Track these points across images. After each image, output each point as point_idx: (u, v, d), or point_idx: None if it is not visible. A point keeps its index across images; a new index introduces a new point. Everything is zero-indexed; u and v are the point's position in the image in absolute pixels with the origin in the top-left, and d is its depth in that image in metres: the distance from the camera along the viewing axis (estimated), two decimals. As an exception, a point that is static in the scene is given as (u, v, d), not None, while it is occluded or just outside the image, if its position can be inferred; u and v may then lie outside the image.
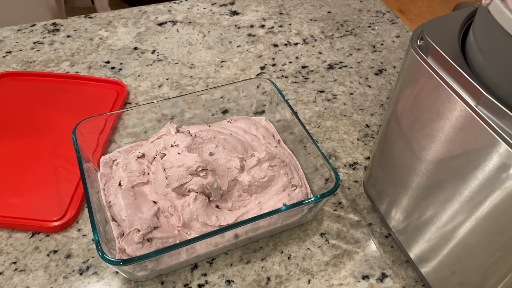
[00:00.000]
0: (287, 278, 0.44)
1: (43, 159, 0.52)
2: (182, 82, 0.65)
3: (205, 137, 0.47)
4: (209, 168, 0.43)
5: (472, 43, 0.31)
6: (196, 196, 0.42)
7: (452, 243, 0.36)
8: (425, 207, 0.37)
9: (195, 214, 0.42)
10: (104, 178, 0.46)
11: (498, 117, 0.28)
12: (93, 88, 0.62)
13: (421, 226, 0.39)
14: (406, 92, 0.36)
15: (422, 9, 2.04)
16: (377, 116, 0.61)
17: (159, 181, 0.44)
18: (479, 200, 0.31)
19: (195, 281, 0.43)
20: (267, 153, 0.46)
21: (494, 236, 0.31)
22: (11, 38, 0.71)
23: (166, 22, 0.77)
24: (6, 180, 0.49)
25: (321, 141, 0.57)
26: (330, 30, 0.77)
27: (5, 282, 0.42)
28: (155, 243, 0.40)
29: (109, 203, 0.43)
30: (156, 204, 0.43)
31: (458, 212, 0.34)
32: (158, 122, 0.53)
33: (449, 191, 0.34)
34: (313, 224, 0.48)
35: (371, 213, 0.50)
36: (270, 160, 0.46)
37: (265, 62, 0.69)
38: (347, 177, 0.53)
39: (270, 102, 0.55)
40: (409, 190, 0.39)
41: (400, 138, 0.39)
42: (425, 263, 0.40)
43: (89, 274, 0.43)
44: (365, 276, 0.44)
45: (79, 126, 0.46)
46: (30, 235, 0.46)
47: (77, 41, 0.71)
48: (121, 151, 0.50)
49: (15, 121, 0.57)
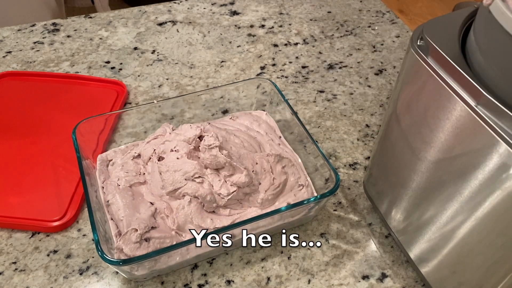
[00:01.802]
0: (287, 278, 0.44)
1: (43, 159, 0.52)
2: (182, 82, 0.65)
3: (230, 132, 0.47)
4: (234, 163, 0.43)
5: (473, 44, 0.31)
6: (191, 199, 0.42)
7: (452, 243, 0.36)
8: (425, 207, 0.37)
9: (189, 217, 0.42)
10: (102, 175, 0.46)
11: (498, 117, 0.28)
12: (93, 88, 0.62)
13: (421, 226, 0.39)
14: (406, 92, 0.36)
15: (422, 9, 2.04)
16: (377, 116, 0.61)
17: (154, 182, 0.44)
18: (479, 200, 0.31)
19: (195, 281, 0.43)
20: (275, 155, 0.46)
21: (494, 236, 0.31)
22: (11, 38, 0.71)
23: (166, 22, 0.77)
24: (6, 180, 0.49)
25: (321, 141, 0.57)
26: (330, 30, 0.77)
27: (5, 282, 0.42)
28: (153, 243, 0.40)
29: (107, 202, 0.43)
30: (153, 204, 0.43)
31: (458, 212, 0.34)
32: (158, 122, 0.52)
33: (449, 191, 0.34)
34: (313, 224, 0.48)
35: (371, 213, 0.50)
36: (280, 161, 0.46)
37: (265, 62, 0.69)
38: (347, 177, 0.53)
39: (270, 102, 0.55)
40: (409, 190, 0.39)
41: (400, 138, 0.39)
42: (425, 263, 0.40)
43: (89, 274, 0.43)
44: (365, 276, 0.44)
45: (79, 126, 0.46)
46: (30, 235, 0.46)
47: (77, 41, 0.71)
48: (117, 150, 0.50)
49: (15, 121, 0.57)
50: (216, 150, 0.42)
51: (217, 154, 0.42)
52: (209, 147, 0.42)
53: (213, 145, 0.42)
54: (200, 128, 0.46)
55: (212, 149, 0.42)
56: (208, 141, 0.43)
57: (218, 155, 0.42)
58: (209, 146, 0.42)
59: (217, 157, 0.42)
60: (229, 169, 0.43)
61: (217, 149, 0.42)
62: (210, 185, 0.43)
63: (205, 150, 0.43)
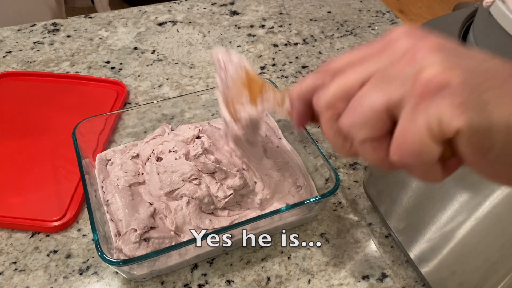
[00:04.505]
0: (287, 278, 0.44)
1: (43, 159, 0.52)
2: (182, 82, 0.65)
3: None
4: (225, 168, 0.43)
5: (472, 44, 0.31)
6: (189, 200, 0.42)
7: (452, 243, 0.36)
8: (425, 207, 0.37)
9: (187, 218, 0.42)
10: (101, 174, 0.46)
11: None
12: (93, 88, 0.62)
13: (421, 226, 0.39)
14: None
15: (422, 9, 2.04)
16: (377, 116, 0.61)
17: (153, 183, 0.44)
18: (479, 200, 0.31)
19: (195, 281, 0.43)
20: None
21: (494, 236, 0.31)
22: (11, 38, 0.71)
23: (166, 22, 0.77)
24: (6, 180, 0.49)
25: (321, 141, 0.57)
26: (330, 30, 0.77)
27: (5, 282, 0.42)
28: (152, 243, 0.40)
29: (106, 202, 0.43)
30: (152, 205, 0.43)
31: (458, 212, 0.34)
32: (158, 122, 0.52)
33: (449, 191, 0.34)
34: (313, 224, 0.48)
35: (371, 213, 0.50)
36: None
37: (265, 62, 0.69)
38: (347, 177, 0.53)
39: (270, 102, 0.55)
40: (409, 190, 0.39)
41: (400, 138, 0.38)
42: (425, 263, 0.40)
43: (89, 274, 0.43)
44: (365, 276, 0.44)
45: (79, 126, 0.46)
46: (30, 235, 0.46)
47: (77, 41, 0.71)
48: (116, 150, 0.50)
49: (15, 121, 0.57)
50: (203, 157, 0.42)
51: (204, 161, 0.42)
52: (195, 156, 0.43)
53: (198, 153, 0.42)
54: (198, 129, 0.45)
55: (199, 157, 0.42)
56: (194, 150, 0.43)
57: (206, 162, 0.42)
58: (195, 156, 0.42)
59: (206, 164, 0.42)
60: (221, 173, 0.43)
61: (203, 156, 0.42)
62: (207, 187, 0.43)
63: (194, 159, 0.43)
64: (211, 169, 0.42)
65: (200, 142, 0.44)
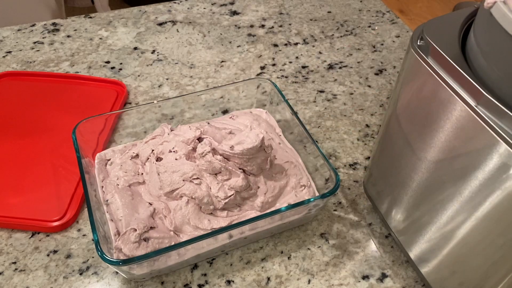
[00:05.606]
0: (287, 278, 0.44)
1: (43, 159, 0.52)
2: (182, 82, 0.65)
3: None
4: (231, 168, 0.43)
5: (473, 44, 0.31)
6: (189, 200, 0.42)
7: (452, 243, 0.36)
8: (425, 207, 0.37)
9: (186, 218, 0.42)
10: (101, 174, 0.46)
11: (498, 117, 0.28)
12: (93, 88, 0.62)
13: (421, 226, 0.39)
14: (406, 92, 0.36)
15: (422, 9, 2.04)
16: (377, 116, 0.61)
17: (152, 182, 0.44)
18: (479, 200, 0.31)
19: (195, 281, 0.43)
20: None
21: (494, 236, 0.31)
22: (11, 38, 0.71)
23: (166, 22, 0.77)
24: (6, 180, 0.49)
25: (321, 141, 0.57)
26: (330, 30, 0.77)
27: (5, 282, 0.42)
28: (152, 243, 0.40)
29: (106, 201, 0.43)
30: (152, 205, 0.43)
31: (458, 212, 0.34)
32: (158, 122, 0.52)
33: (449, 191, 0.34)
34: (313, 224, 0.48)
35: (371, 213, 0.50)
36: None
37: (265, 62, 0.69)
38: (347, 177, 0.53)
39: (270, 102, 0.55)
40: (409, 190, 0.39)
41: (400, 138, 0.39)
42: (425, 263, 0.40)
43: (89, 274, 0.43)
44: (365, 276, 0.44)
45: (79, 126, 0.46)
46: (30, 235, 0.46)
47: (77, 41, 0.71)
48: (116, 150, 0.50)
49: (15, 121, 0.57)
50: (210, 156, 0.42)
51: (211, 160, 0.42)
52: (202, 155, 0.42)
53: (205, 151, 0.42)
54: (199, 130, 0.45)
55: (206, 156, 0.42)
56: (201, 148, 0.43)
57: (213, 161, 0.42)
58: (202, 154, 0.42)
59: (212, 163, 0.42)
60: (226, 173, 0.43)
61: (210, 154, 0.42)
62: (208, 187, 0.43)
63: (199, 158, 0.43)
64: (217, 168, 0.42)
65: (208, 141, 0.44)
